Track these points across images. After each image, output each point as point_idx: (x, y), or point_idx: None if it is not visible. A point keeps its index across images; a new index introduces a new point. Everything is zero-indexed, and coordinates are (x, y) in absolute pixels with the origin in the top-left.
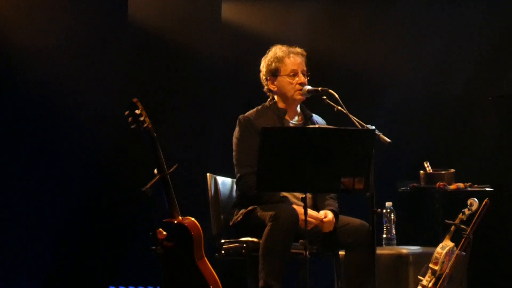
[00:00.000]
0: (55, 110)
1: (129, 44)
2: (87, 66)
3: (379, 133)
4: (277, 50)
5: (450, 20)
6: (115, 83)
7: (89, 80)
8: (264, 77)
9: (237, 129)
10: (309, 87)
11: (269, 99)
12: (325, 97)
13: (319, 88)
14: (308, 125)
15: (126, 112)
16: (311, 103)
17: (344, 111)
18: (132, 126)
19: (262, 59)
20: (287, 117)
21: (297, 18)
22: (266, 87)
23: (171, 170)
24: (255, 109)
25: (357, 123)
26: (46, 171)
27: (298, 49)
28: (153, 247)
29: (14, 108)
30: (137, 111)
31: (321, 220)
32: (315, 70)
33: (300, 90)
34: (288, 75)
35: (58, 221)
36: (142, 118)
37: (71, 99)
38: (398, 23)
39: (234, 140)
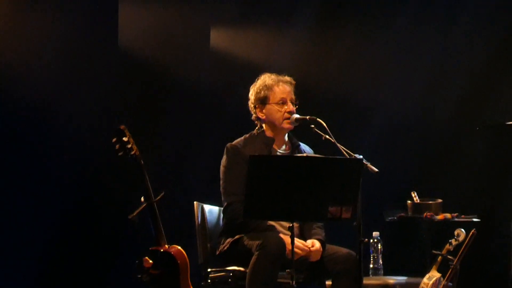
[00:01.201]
0: (41, 135)
1: (118, 69)
2: (75, 90)
3: (366, 162)
4: (266, 78)
5: (437, 49)
6: (103, 108)
7: (77, 105)
8: (252, 105)
9: (224, 157)
10: (297, 116)
11: (257, 128)
12: (313, 125)
13: (307, 117)
14: (296, 153)
15: (114, 139)
16: (299, 131)
17: (332, 140)
18: (119, 154)
19: (251, 87)
20: (274, 146)
21: (285, 46)
22: (254, 115)
23: (158, 198)
24: (243, 137)
25: (344, 152)
26: (29, 199)
27: (287, 78)
28: (139, 275)
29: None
30: (125, 138)
31: (309, 249)
32: (302, 97)
33: (289, 118)
34: (277, 103)
35: (41, 250)
36: (129, 146)
37: (58, 124)
38: (385, 51)
39: (222, 168)
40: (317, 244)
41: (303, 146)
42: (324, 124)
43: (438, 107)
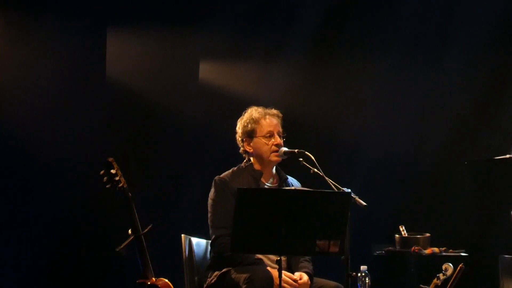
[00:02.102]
0: (30, 167)
1: (106, 102)
2: (64, 123)
3: (355, 196)
4: (253, 112)
5: (425, 85)
6: (91, 141)
7: (66, 137)
8: (240, 139)
9: (212, 190)
10: (285, 149)
11: (244, 161)
12: (301, 159)
13: (296, 150)
14: (284, 187)
15: (102, 172)
16: (287, 165)
17: (320, 174)
18: (107, 186)
19: (238, 120)
20: (262, 179)
21: (273, 80)
22: (242, 148)
23: (146, 230)
24: (230, 170)
25: (333, 186)
26: (17, 230)
27: (274, 111)
28: None
29: None
30: (113, 171)
31: (296, 282)
32: (291, 131)
33: (276, 151)
34: (264, 136)
35: (29, 283)
36: (117, 178)
37: (46, 156)
38: (373, 88)
39: (210, 201)
40: (305, 277)
41: (291, 179)
42: (313, 158)
43: (426, 142)
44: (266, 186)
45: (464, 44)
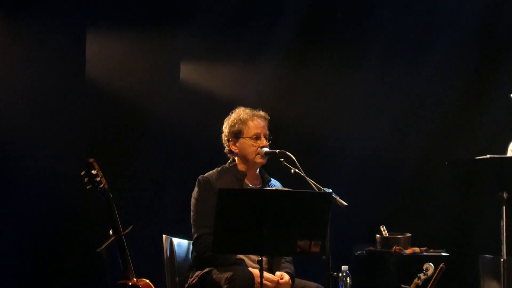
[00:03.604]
0: (10, 169)
1: (86, 103)
2: (44, 124)
3: (336, 196)
4: (241, 112)
5: (406, 86)
6: (72, 142)
7: (46, 138)
8: (226, 138)
9: (196, 189)
10: (266, 149)
11: (229, 161)
12: (282, 159)
13: (277, 151)
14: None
15: (82, 172)
16: (269, 166)
17: (301, 174)
18: (88, 187)
19: (225, 120)
20: (246, 180)
21: (254, 81)
22: (227, 148)
23: (127, 231)
24: (215, 170)
25: (314, 186)
26: None
27: (262, 113)
28: None
29: None
30: (93, 172)
31: (278, 282)
32: (272, 132)
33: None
34: (250, 138)
35: (9, 283)
36: (98, 179)
37: (26, 157)
38: (355, 88)
39: (193, 200)
40: (286, 277)
41: (274, 181)
42: (294, 158)
43: (407, 143)
44: (249, 187)
45: (445, 45)
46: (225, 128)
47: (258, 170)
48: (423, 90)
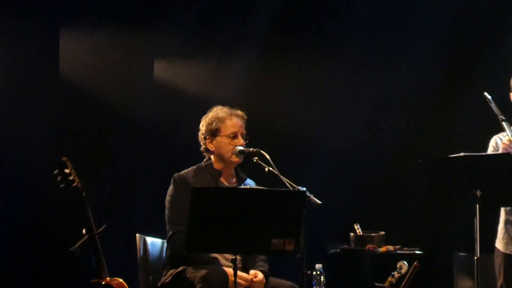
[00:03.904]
0: None
1: (59, 101)
2: (16, 121)
3: (310, 195)
4: (218, 111)
5: (381, 82)
6: (45, 140)
7: (18, 136)
8: (202, 136)
9: (171, 187)
10: (240, 148)
11: (205, 160)
12: (256, 158)
13: (251, 149)
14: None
15: (55, 171)
16: (245, 164)
17: (275, 172)
18: (61, 186)
19: (203, 118)
20: (222, 179)
21: (228, 78)
22: (203, 146)
23: (100, 230)
24: (190, 168)
25: (288, 184)
26: None
27: (240, 112)
28: None
29: None
30: (66, 170)
31: (251, 280)
32: (247, 129)
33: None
34: (227, 136)
35: None
36: (71, 178)
37: None
38: (329, 85)
39: (168, 198)
40: (260, 275)
41: (249, 181)
42: (268, 156)
43: (381, 140)
44: (225, 186)
45: (420, 42)
46: (202, 126)
47: (233, 168)
48: (397, 88)
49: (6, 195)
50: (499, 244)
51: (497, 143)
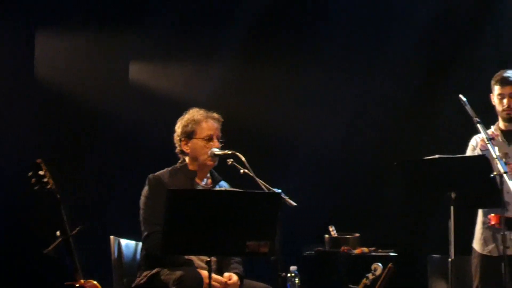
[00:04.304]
0: None
1: (35, 103)
2: None
3: (285, 197)
4: (195, 113)
5: (359, 86)
6: (19, 142)
7: None
8: (178, 138)
9: (146, 187)
10: (216, 150)
11: (179, 161)
12: (231, 160)
13: (226, 151)
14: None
15: (30, 173)
16: (221, 167)
17: (250, 174)
18: (35, 188)
19: (178, 120)
20: (197, 180)
21: (205, 80)
22: (179, 148)
23: (74, 232)
24: (165, 170)
25: (263, 186)
26: None
27: (216, 115)
28: None
29: None
30: (41, 172)
31: (225, 283)
32: (224, 132)
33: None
34: (203, 139)
35: None
36: (45, 180)
37: None
38: (307, 87)
39: (143, 198)
40: (234, 278)
41: (223, 183)
42: (243, 158)
43: (357, 142)
44: (200, 187)
45: (398, 45)
46: (178, 128)
47: (208, 170)
48: (374, 90)
49: None
50: (476, 244)
51: (477, 143)
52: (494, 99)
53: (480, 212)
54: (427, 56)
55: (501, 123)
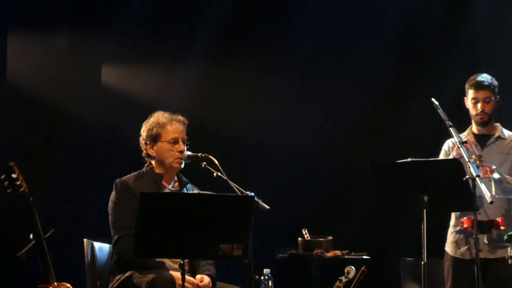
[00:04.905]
0: None
1: (6, 106)
2: None
3: (258, 200)
4: (159, 116)
5: (330, 89)
6: None
7: None
8: (143, 141)
9: (113, 193)
10: (189, 153)
11: (146, 164)
12: (204, 163)
13: (199, 154)
14: (184, 191)
15: (3, 176)
16: (191, 170)
17: (224, 177)
18: (8, 191)
19: (143, 123)
20: (164, 183)
21: (177, 84)
22: (144, 151)
23: (47, 235)
24: (132, 174)
25: (236, 190)
26: None
27: (180, 117)
28: None
29: None
30: (14, 175)
31: (197, 285)
32: (195, 135)
33: (179, 158)
34: (168, 142)
35: None
36: (18, 183)
37: None
38: (278, 91)
39: (110, 204)
40: (206, 279)
41: (191, 186)
42: (216, 162)
43: (329, 145)
44: (167, 190)
45: (369, 47)
46: (143, 132)
47: (175, 173)
48: (346, 92)
49: None
50: (448, 247)
51: (449, 147)
52: (468, 103)
53: (452, 215)
54: (398, 59)
55: (474, 127)
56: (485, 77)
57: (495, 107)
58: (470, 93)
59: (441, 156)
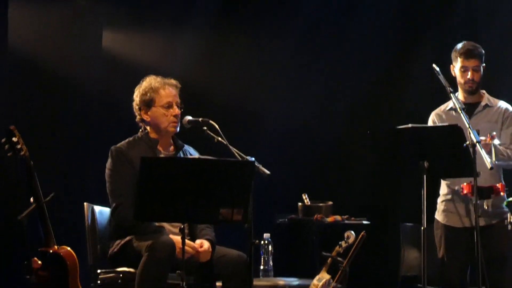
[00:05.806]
0: None
1: (8, 69)
2: None
3: (258, 165)
4: (152, 81)
5: (330, 55)
6: None
7: None
8: (137, 107)
9: (109, 160)
10: (190, 118)
11: (140, 130)
12: (205, 127)
13: (200, 119)
14: (180, 155)
15: (3, 140)
16: (190, 134)
17: (224, 142)
18: (8, 154)
19: (136, 88)
20: (159, 148)
21: (178, 49)
22: (138, 117)
23: (48, 199)
24: (126, 140)
25: (237, 155)
26: None
27: (173, 81)
28: (28, 276)
29: None
30: (14, 139)
31: (197, 250)
32: (195, 101)
33: (174, 122)
34: (162, 107)
35: None
36: (19, 146)
37: None
38: (279, 56)
39: (107, 171)
40: (206, 245)
41: (187, 147)
42: (217, 126)
43: (330, 111)
44: (162, 155)
45: (369, 16)
46: (136, 97)
47: (170, 137)
48: (345, 60)
49: None
50: (439, 216)
51: (434, 121)
52: (456, 71)
53: (443, 183)
54: (397, 26)
55: (460, 95)
56: (473, 46)
57: (482, 76)
58: (459, 61)
59: None
